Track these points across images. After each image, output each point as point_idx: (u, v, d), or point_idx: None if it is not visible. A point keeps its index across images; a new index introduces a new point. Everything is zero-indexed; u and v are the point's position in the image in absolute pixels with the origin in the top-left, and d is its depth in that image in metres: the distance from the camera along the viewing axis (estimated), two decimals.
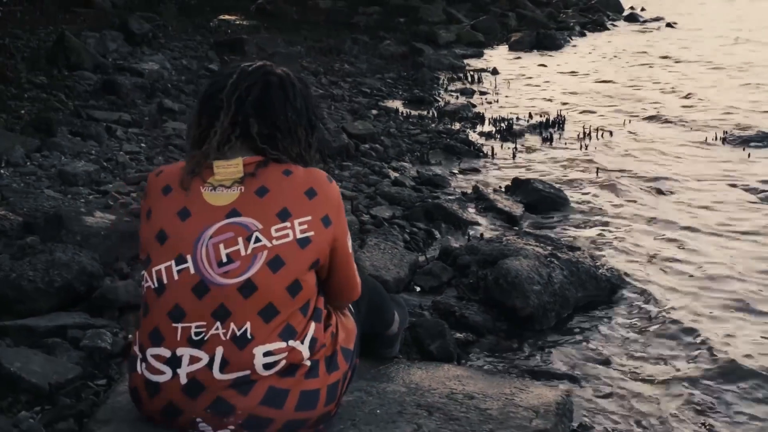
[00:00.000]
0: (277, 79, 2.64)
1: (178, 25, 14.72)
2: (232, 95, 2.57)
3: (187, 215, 2.49)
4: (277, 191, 2.49)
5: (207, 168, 2.53)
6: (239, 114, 2.56)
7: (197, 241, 2.45)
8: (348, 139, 7.97)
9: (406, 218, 6.13)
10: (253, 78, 2.62)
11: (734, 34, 17.31)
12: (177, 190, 2.53)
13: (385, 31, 16.84)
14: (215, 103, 2.58)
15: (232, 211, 2.47)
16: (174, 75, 10.54)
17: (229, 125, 2.55)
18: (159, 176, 2.62)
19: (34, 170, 6.09)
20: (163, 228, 2.50)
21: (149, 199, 2.59)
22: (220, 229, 2.46)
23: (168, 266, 2.47)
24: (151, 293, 2.50)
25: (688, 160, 8.35)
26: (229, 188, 2.50)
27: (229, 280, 2.43)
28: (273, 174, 2.52)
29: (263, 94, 2.59)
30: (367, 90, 11.35)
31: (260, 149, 2.57)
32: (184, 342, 2.44)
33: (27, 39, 11.53)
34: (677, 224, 6.36)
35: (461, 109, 10.51)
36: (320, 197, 2.51)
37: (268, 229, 2.45)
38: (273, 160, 2.57)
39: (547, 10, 21.40)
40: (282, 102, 2.62)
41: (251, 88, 2.60)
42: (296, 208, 2.49)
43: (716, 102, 11.14)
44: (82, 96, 8.77)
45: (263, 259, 2.43)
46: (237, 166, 2.51)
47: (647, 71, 13.75)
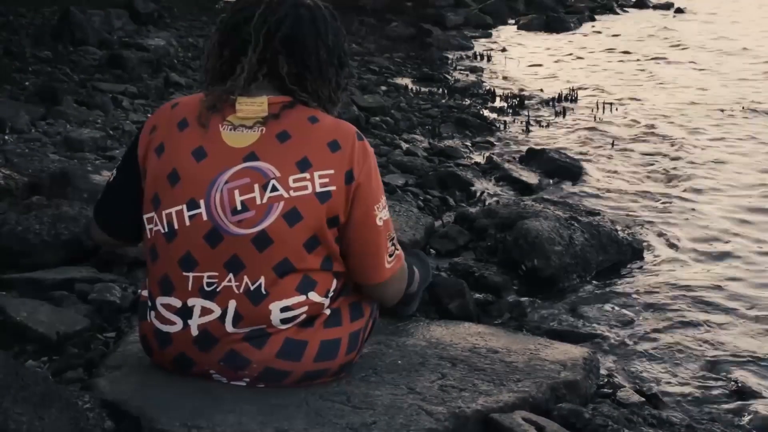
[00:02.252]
0: (308, 13, 2.42)
1: (184, 6, 14.57)
2: (261, 29, 2.36)
3: (203, 156, 2.31)
4: (298, 138, 2.31)
5: (228, 104, 2.35)
6: (267, 51, 2.35)
7: (211, 186, 2.28)
8: (358, 111, 7.83)
9: (419, 186, 6.00)
10: (283, 10, 2.39)
11: (745, 21, 17.14)
12: (194, 126, 2.34)
13: (393, 14, 16.68)
14: (242, 36, 2.38)
15: (251, 154, 2.29)
16: (180, 51, 10.41)
17: (257, 62, 2.36)
18: (175, 108, 2.43)
19: (39, 137, 5.97)
20: (176, 167, 2.32)
21: (162, 131, 2.39)
22: (236, 173, 2.28)
23: (179, 210, 2.30)
24: (160, 238, 2.34)
25: (707, 130, 8.22)
26: (250, 128, 2.31)
27: (242, 230, 2.26)
28: (298, 119, 2.33)
29: (294, 30, 2.38)
30: (375, 68, 11.22)
31: (289, 90, 2.38)
32: (195, 292, 2.30)
33: (31, 17, 11.40)
34: (699, 191, 6.25)
35: (471, 86, 10.36)
36: (344, 151, 2.32)
37: (286, 179, 2.27)
38: (301, 102, 2.38)
39: None
40: (314, 39, 2.41)
41: (281, 22, 2.37)
42: (317, 159, 2.29)
43: (730, 76, 10.99)
44: (87, 70, 8.65)
45: (279, 211, 2.26)
46: (262, 104, 2.32)
47: (659, 50, 13.59)
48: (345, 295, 2.51)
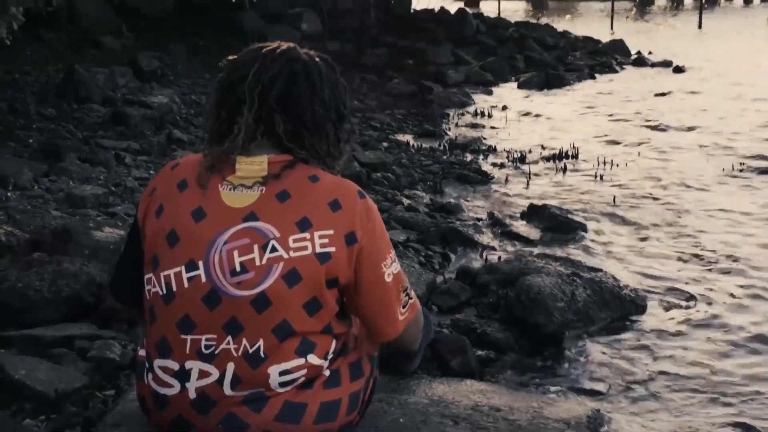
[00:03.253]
0: (302, 68, 2.40)
1: (187, 64, 14.72)
2: (255, 88, 2.35)
3: (202, 216, 2.29)
4: (299, 198, 2.28)
5: (228, 164, 2.34)
6: (263, 110, 2.33)
7: (210, 246, 2.26)
8: (359, 167, 7.87)
9: (420, 242, 6.00)
10: (276, 67, 2.38)
11: (743, 79, 17.29)
12: (193, 187, 2.32)
13: (394, 71, 16.85)
14: (237, 96, 2.37)
15: (250, 214, 2.27)
16: (183, 108, 10.50)
17: (254, 122, 2.35)
18: (175, 169, 2.41)
19: (41, 193, 5.99)
20: (174, 228, 2.29)
21: (161, 192, 2.37)
22: (235, 234, 2.25)
23: (178, 272, 2.27)
24: (158, 300, 2.31)
25: (709, 188, 8.24)
26: (249, 188, 2.29)
27: (242, 291, 2.23)
28: (298, 178, 2.31)
29: (288, 87, 2.35)
30: (377, 124, 11.29)
31: (287, 148, 2.37)
32: (193, 355, 2.26)
33: (36, 75, 11.54)
34: (701, 247, 6.23)
35: (472, 142, 10.42)
36: (345, 211, 2.28)
37: (286, 239, 2.24)
38: (301, 160, 2.36)
39: (555, 53, 21.42)
40: (308, 95, 2.38)
41: (275, 79, 2.35)
42: (318, 219, 2.26)
43: (729, 136, 11.04)
44: (91, 127, 8.72)
45: (279, 272, 2.23)
46: (261, 164, 2.30)
47: (658, 108, 13.68)
48: (344, 355, 2.47)
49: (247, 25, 18.01)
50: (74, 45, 14.55)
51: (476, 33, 22.24)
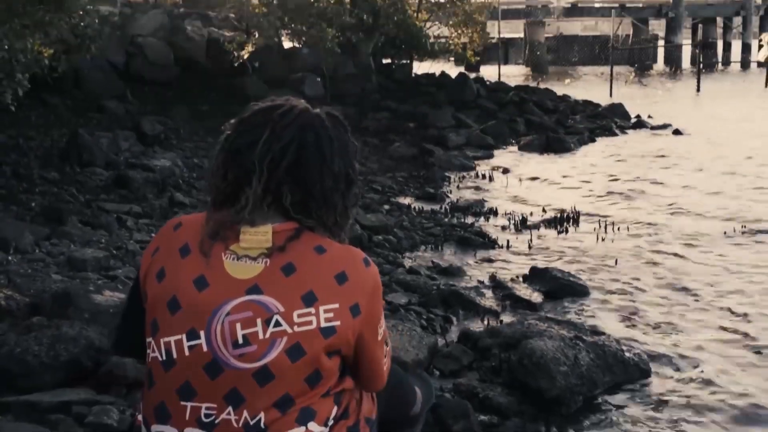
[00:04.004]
0: (313, 137, 2.35)
1: (190, 128, 14.85)
2: (265, 158, 2.31)
3: (205, 285, 2.25)
4: (305, 271, 2.25)
5: (232, 232, 2.31)
6: (272, 181, 2.30)
7: (212, 317, 2.22)
8: (361, 230, 7.87)
9: (422, 305, 5.97)
10: (287, 135, 2.33)
11: (742, 143, 17.40)
12: (195, 253, 2.28)
13: (395, 134, 16.98)
14: (245, 163, 2.33)
15: (254, 287, 2.23)
16: (185, 172, 10.55)
17: (262, 192, 2.32)
18: (177, 230, 2.37)
19: (42, 257, 5.99)
20: (176, 295, 2.26)
21: (163, 254, 2.34)
22: (238, 306, 2.22)
23: (178, 339, 2.23)
24: (157, 365, 2.27)
25: (710, 250, 8.23)
26: (254, 260, 2.25)
27: (244, 364, 2.20)
28: (304, 250, 2.27)
29: (299, 158, 2.32)
30: (378, 187, 11.33)
31: (293, 217, 2.34)
32: (192, 422, 2.21)
33: (41, 139, 11.62)
34: (704, 312, 6.20)
35: (474, 204, 10.44)
36: (352, 283, 2.23)
37: (290, 314, 2.20)
38: (307, 229, 2.34)
39: (555, 117, 21.57)
40: (318, 167, 2.33)
41: (285, 149, 2.30)
42: (323, 293, 2.23)
43: (730, 198, 11.07)
44: (93, 190, 8.75)
45: (282, 346, 2.19)
46: (266, 234, 2.26)
47: (658, 171, 13.74)
48: (345, 419, 2.44)
49: (250, 90, 18.20)
50: (79, 110, 14.71)
51: (477, 97, 22.44)
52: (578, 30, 61.96)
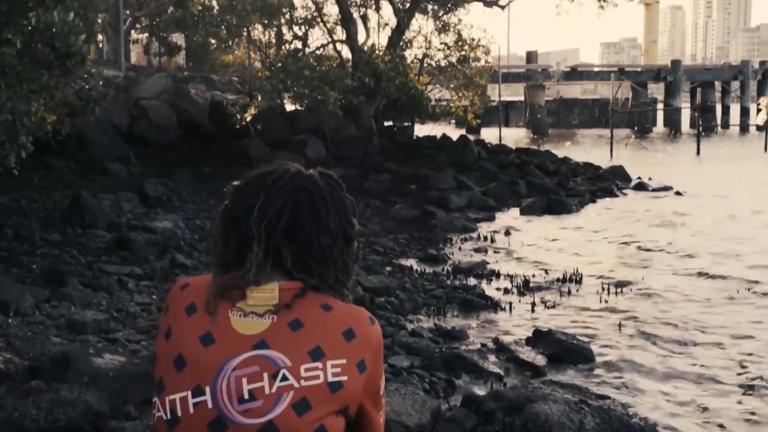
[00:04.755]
0: (307, 198, 2.41)
1: (193, 189, 14.90)
2: (261, 222, 2.36)
3: (211, 341, 2.25)
4: (312, 327, 2.26)
5: (237, 291, 2.32)
6: (271, 244, 2.35)
7: (218, 373, 2.22)
8: (363, 292, 7.84)
9: (425, 368, 5.91)
10: (281, 199, 2.39)
11: (741, 205, 17.46)
12: (202, 312, 2.30)
13: (397, 196, 17.03)
14: (243, 230, 2.39)
15: (261, 342, 2.23)
16: (187, 233, 10.55)
17: (263, 255, 2.35)
18: (184, 290, 2.39)
19: (42, 319, 5.95)
20: (182, 353, 2.26)
21: (171, 315, 2.35)
22: (245, 361, 2.22)
23: (183, 397, 2.23)
24: (162, 425, 2.25)
25: (714, 313, 8.18)
26: (261, 316, 2.27)
27: (249, 419, 2.18)
28: (310, 307, 2.29)
29: (294, 219, 2.37)
30: (380, 249, 11.32)
31: (296, 277, 2.36)
32: None
33: (43, 202, 11.65)
34: (709, 378, 6.12)
35: (476, 266, 10.41)
36: (359, 340, 2.27)
37: (298, 368, 2.20)
38: (312, 288, 2.36)
39: (557, 179, 21.66)
40: (315, 226, 2.39)
41: (281, 211, 2.36)
42: (331, 349, 2.24)
43: (732, 259, 11.04)
44: (94, 252, 8.74)
45: (288, 401, 2.18)
46: (272, 292, 2.28)
47: (660, 232, 13.74)
48: None
49: (253, 152, 18.32)
50: (82, 172, 14.77)
51: (478, 159, 22.56)
52: (578, 93, 62.74)
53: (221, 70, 28.05)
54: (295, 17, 23.87)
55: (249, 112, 21.71)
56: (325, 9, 24.59)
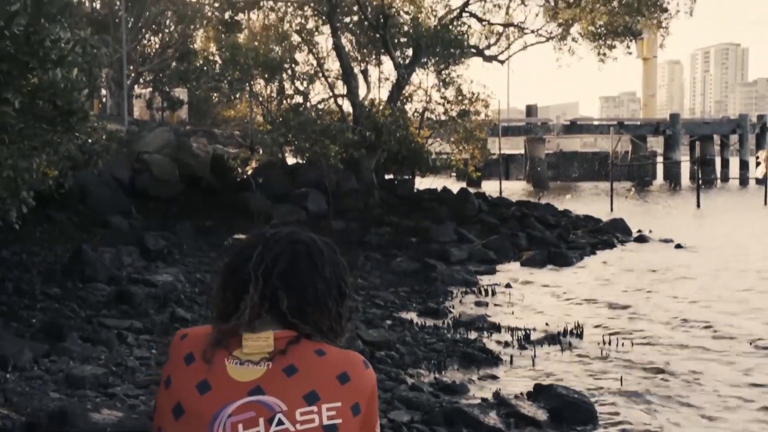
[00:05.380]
0: (304, 248, 2.50)
1: (193, 243, 14.91)
2: (259, 267, 2.42)
3: (207, 389, 2.28)
4: (306, 372, 2.30)
5: (234, 340, 2.36)
6: (267, 287, 2.41)
7: (214, 419, 2.24)
8: (363, 345, 7.81)
9: (425, 423, 5.86)
10: (279, 247, 2.47)
11: (742, 258, 17.47)
12: (199, 361, 2.34)
13: (398, 249, 17.02)
14: (242, 277, 2.44)
15: (256, 388, 2.27)
16: (187, 287, 10.54)
17: (258, 299, 2.40)
18: (184, 340, 2.43)
19: (40, 374, 5.92)
20: (180, 401, 2.29)
21: (170, 365, 2.39)
22: (241, 407, 2.24)
23: None
24: None
25: (718, 366, 8.13)
26: (256, 364, 2.31)
27: None
28: (305, 353, 2.34)
29: (291, 265, 2.44)
30: (380, 302, 11.30)
31: (291, 323, 2.41)
32: None
33: (44, 255, 11.66)
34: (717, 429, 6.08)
35: (476, 319, 10.38)
36: (353, 383, 2.30)
37: (293, 412, 2.23)
38: (305, 336, 2.40)
39: (557, 231, 21.68)
40: (310, 273, 2.46)
41: (278, 258, 2.44)
42: (326, 393, 2.27)
43: (733, 313, 11.01)
44: (94, 306, 8.73)
45: None
46: (267, 340, 2.33)
47: (661, 285, 13.73)
48: None
49: (254, 205, 18.39)
50: (83, 225, 14.81)
51: (478, 212, 22.61)
52: (578, 146, 63.09)
53: (223, 124, 28.33)
54: (297, 72, 24.14)
55: (250, 165, 21.85)
56: (326, 64, 24.93)
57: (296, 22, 25.38)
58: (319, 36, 25.47)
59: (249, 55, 22.11)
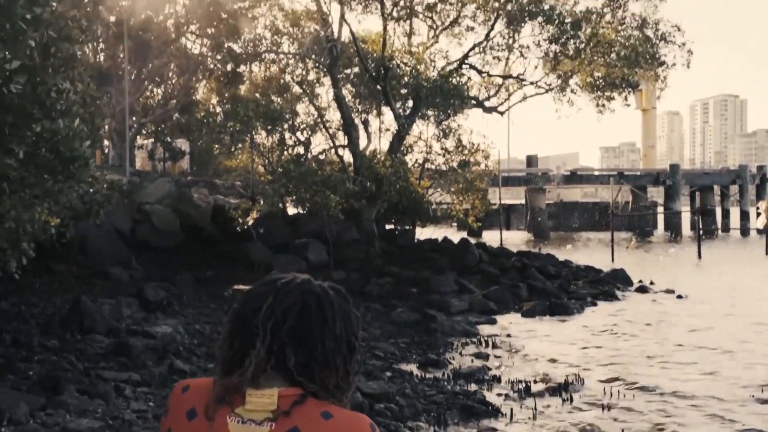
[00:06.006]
0: (315, 301, 2.45)
1: (193, 293, 14.89)
2: (268, 321, 2.39)
3: None
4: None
5: (237, 396, 2.33)
6: (275, 342, 2.37)
7: None
8: (362, 398, 7.75)
9: None
10: (290, 299, 2.43)
11: (744, 309, 17.41)
12: (201, 417, 2.31)
13: (398, 299, 16.98)
14: (250, 328, 2.41)
15: None
16: (186, 338, 10.49)
17: (265, 354, 2.37)
18: (185, 393, 2.40)
19: (36, 428, 5.88)
20: None
21: (170, 418, 2.36)
22: None
23: None
24: None
25: (723, 418, 8.05)
26: (259, 424, 2.27)
27: None
28: (310, 415, 2.29)
29: (301, 320, 2.40)
30: (380, 353, 11.24)
31: (297, 381, 2.37)
32: None
33: (43, 306, 11.64)
34: None
35: (477, 371, 10.31)
36: None
37: None
38: (311, 394, 2.36)
39: (558, 282, 21.63)
40: (320, 329, 2.41)
41: (288, 312, 2.39)
42: None
43: (737, 363, 10.94)
44: (92, 358, 8.69)
45: None
46: (271, 398, 2.29)
47: (663, 336, 13.66)
48: None
49: (254, 256, 18.39)
50: (84, 276, 14.80)
51: (479, 262, 22.58)
52: (578, 196, 63.20)
53: (225, 175, 28.41)
54: (298, 123, 24.32)
55: (251, 215, 21.89)
56: (327, 115, 25.14)
57: (297, 74, 25.66)
58: (320, 87, 25.77)
59: (250, 106, 22.30)
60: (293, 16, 24.36)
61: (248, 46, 24.99)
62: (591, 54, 25.76)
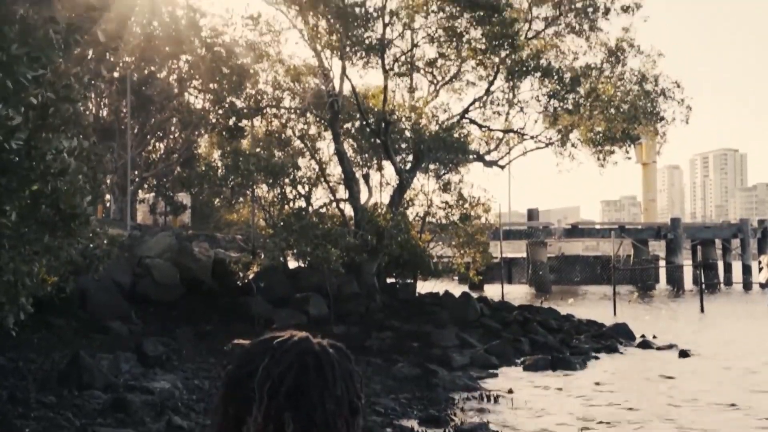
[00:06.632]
0: (314, 361, 2.37)
1: (193, 348, 14.78)
2: (265, 384, 2.32)
3: None
4: None
5: None
6: (272, 408, 2.31)
7: None
8: None
9: None
10: (287, 360, 2.36)
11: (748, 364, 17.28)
12: None
13: (399, 353, 16.86)
14: (245, 392, 2.34)
15: None
16: (185, 394, 10.40)
17: (263, 420, 2.30)
18: None
19: None
20: None
21: None
22: None
23: None
24: None
25: None
26: None
27: None
28: None
29: (299, 383, 2.33)
30: (381, 409, 11.13)
31: None
32: None
33: (41, 362, 11.54)
34: None
35: (478, 427, 10.20)
36: None
37: None
38: None
39: (560, 336, 21.52)
40: (320, 391, 2.33)
41: (285, 374, 2.32)
42: None
43: (742, 421, 10.82)
44: (90, 414, 8.60)
45: None
46: None
47: (666, 392, 13.53)
48: None
49: (255, 310, 18.31)
50: (83, 330, 14.70)
51: (480, 316, 22.50)
52: (580, 250, 63.16)
53: (225, 228, 28.46)
54: (299, 177, 24.41)
55: (252, 269, 21.84)
56: (328, 169, 25.22)
57: (299, 128, 25.82)
58: (321, 141, 25.92)
59: (251, 160, 22.40)
60: (294, 72, 24.60)
61: (250, 100, 25.20)
62: (590, 109, 25.93)
